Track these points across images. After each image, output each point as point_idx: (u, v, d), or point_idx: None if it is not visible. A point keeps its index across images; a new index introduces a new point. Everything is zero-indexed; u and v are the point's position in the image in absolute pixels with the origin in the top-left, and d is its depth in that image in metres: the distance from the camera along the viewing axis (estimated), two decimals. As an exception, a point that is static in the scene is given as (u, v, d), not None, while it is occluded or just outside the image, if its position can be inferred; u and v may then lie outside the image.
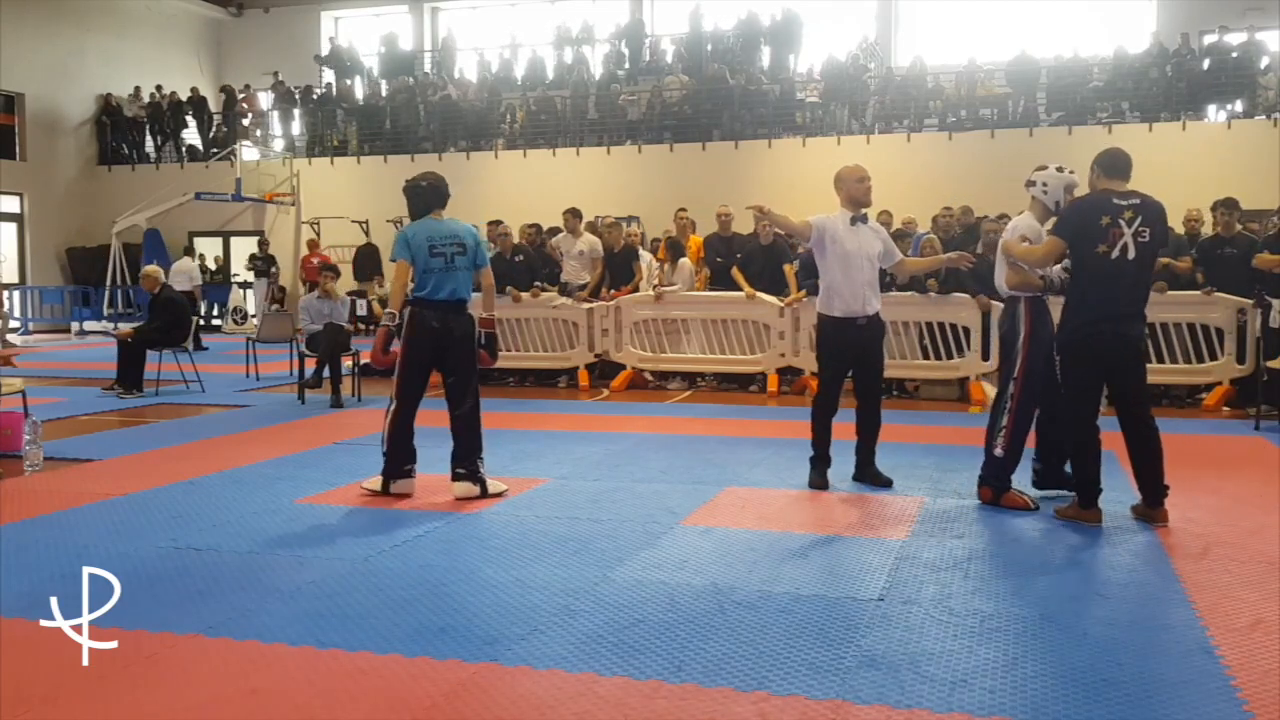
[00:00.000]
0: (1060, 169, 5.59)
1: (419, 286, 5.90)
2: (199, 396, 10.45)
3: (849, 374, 6.18)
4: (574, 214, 11.55)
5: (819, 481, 6.09)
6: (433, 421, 8.87)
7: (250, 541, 4.95)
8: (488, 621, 3.82)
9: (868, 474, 6.19)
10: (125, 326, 11.38)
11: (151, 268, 11.59)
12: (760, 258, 10.72)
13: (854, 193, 6.08)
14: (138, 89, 23.44)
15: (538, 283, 11.29)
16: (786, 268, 10.48)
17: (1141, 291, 5.19)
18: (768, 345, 10.53)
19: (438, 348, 5.83)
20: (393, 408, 5.85)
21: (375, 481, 5.93)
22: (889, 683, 3.26)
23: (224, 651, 3.56)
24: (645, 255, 11.88)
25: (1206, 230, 10.27)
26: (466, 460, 5.86)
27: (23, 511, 5.56)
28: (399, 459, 5.87)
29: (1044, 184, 5.52)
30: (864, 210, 6.13)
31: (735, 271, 10.74)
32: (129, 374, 10.57)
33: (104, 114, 23.34)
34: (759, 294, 10.51)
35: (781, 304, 10.31)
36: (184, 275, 17.18)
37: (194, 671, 3.40)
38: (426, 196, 6.21)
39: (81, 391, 10.97)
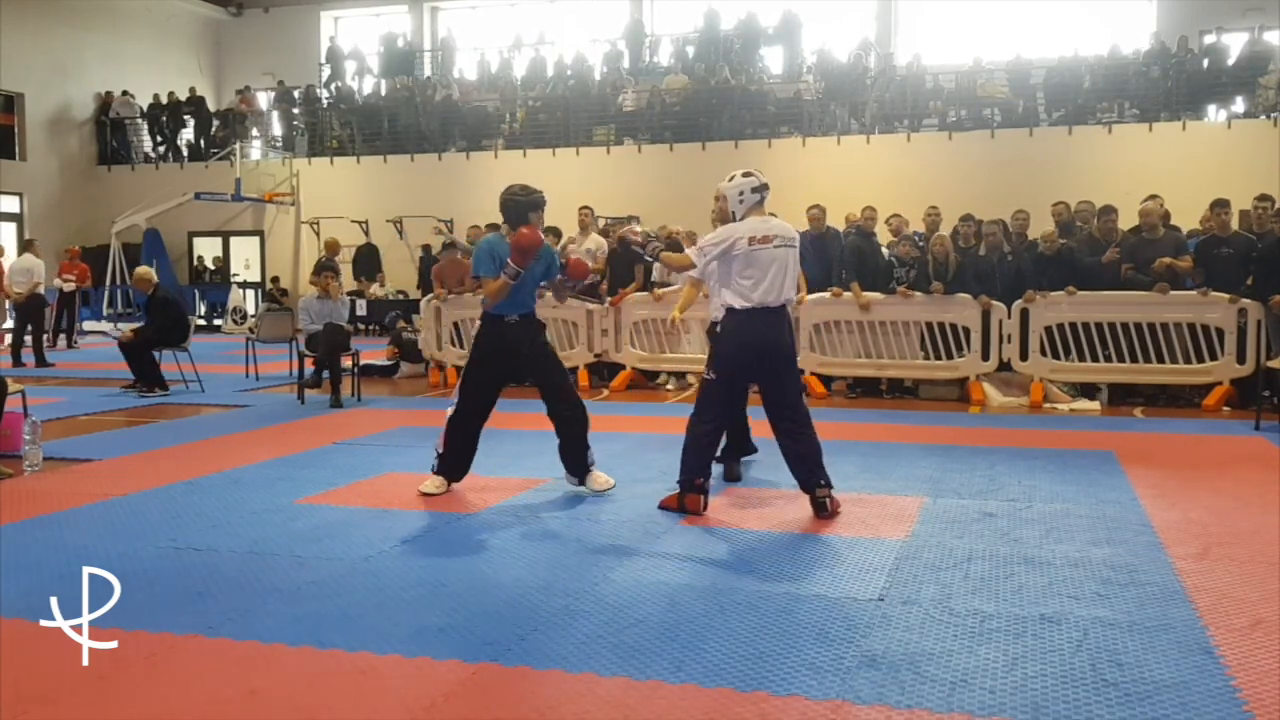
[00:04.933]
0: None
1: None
2: (198, 396, 10.45)
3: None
4: (589, 212, 11.64)
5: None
6: (429, 421, 8.87)
7: (250, 541, 4.94)
8: (487, 622, 3.81)
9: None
10: (126, 329, 11.29)
11: (142, 269, 11.57)
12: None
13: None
14: (124, 92, 23.44)
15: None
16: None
17: None
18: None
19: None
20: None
21: (433, 482, 5.93)
22: (889, 683, 3.26)
23: (224, 652, 3.55)
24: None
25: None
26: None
27: (23, 511, 5.56)
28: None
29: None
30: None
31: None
32: (146, 373, 10.56)
33: (103, 114, 23.35)
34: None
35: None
36: (25, 273, 14.10)
37: (194, 671, 3.40)
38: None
39: (82, 392, 10.98)
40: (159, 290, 11.14)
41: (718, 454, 6.17)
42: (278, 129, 23.78)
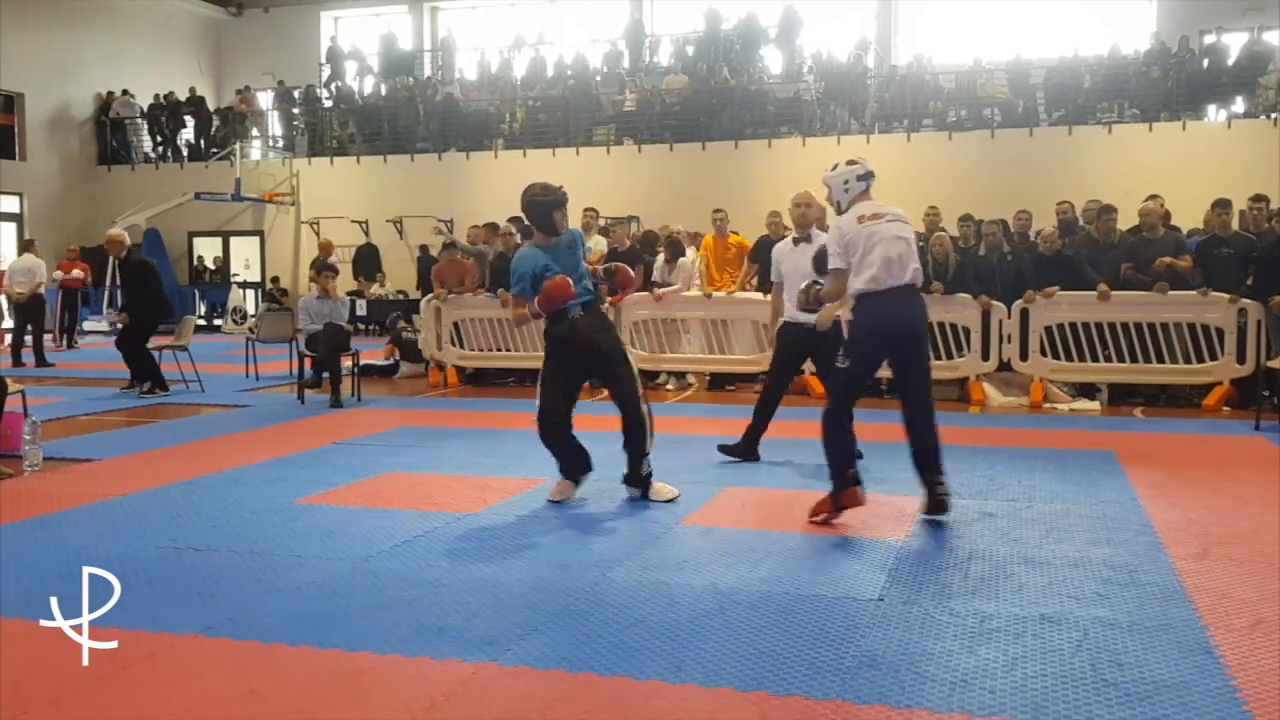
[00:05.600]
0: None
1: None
2: (198, 396, 10.45)
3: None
4: (594, 213, 11.67)
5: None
6: (429, 421, 8.89)
7: (250, 541, 4.94)
8: (487, 621, 3.81)
9: None
10: (118, 319, 10.93)
11: (115, 230, 11.22)
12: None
13: (791, 215, 6.86)
14: (125, 92, 23.45)
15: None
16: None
17: None
18: (767, 345, 10.52)
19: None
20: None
21: (559, 487, 5.74)
22: (889, 683, 3.26)
23: (224, 651, 3.55)
24: (690, 253, 11.57)
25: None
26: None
27: (23, 511, 5.56)
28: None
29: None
30: (806, 230, 6.72)
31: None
32: (144, 372, 10.50)
33: (103, 114, 23.36)
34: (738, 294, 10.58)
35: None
36: (26, 273, 14.10)
37: (194, 671, 3.40)
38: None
39: (81, 392, 10.97)
40: (133, 253, 10.96)
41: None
42: (278, 129, 23.79)
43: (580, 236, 5.97)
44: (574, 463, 5.79)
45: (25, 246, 15.13)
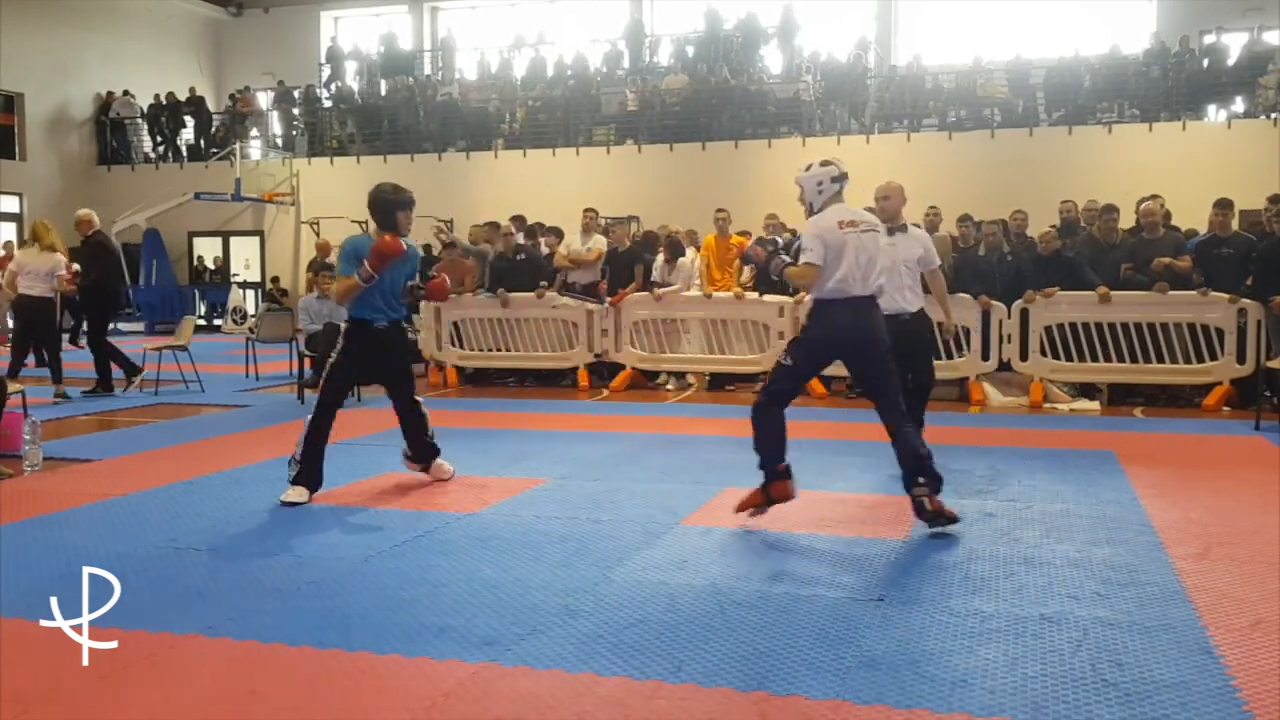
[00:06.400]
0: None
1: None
2: (198, 396, 10.46)
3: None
4: (594, 213, 11.74)
5: None
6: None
7: (250, 541, 4.95)
8: (487, 621, 3.81)
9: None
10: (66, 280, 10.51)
11: (84, 211, 11.03)
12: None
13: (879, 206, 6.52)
14: (125, 92, 23.45)
15: (543, 283, 11.28)
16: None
17: None
18: (768, 345, 10.53)
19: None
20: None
21: (296, 493, 5.72)
22: (889, 683, 3.26)
23: (224, 651, 3.56)
24: (690, 252, 11.54)
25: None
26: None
27: (23, 511, 5.56)
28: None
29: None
30: (902, 221, 6.50)
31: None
32: (110, 368, 10.49)
33: (103, 114, 23.36)
34: (752, 295, 10.54)
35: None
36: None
37: (194, 671, 3.40)
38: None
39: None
40: (97, 234, 10.97)
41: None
42: (278, 129, 23.79)
43: (417, 254, 6.12)
44: (318, 469, 5.82)
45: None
